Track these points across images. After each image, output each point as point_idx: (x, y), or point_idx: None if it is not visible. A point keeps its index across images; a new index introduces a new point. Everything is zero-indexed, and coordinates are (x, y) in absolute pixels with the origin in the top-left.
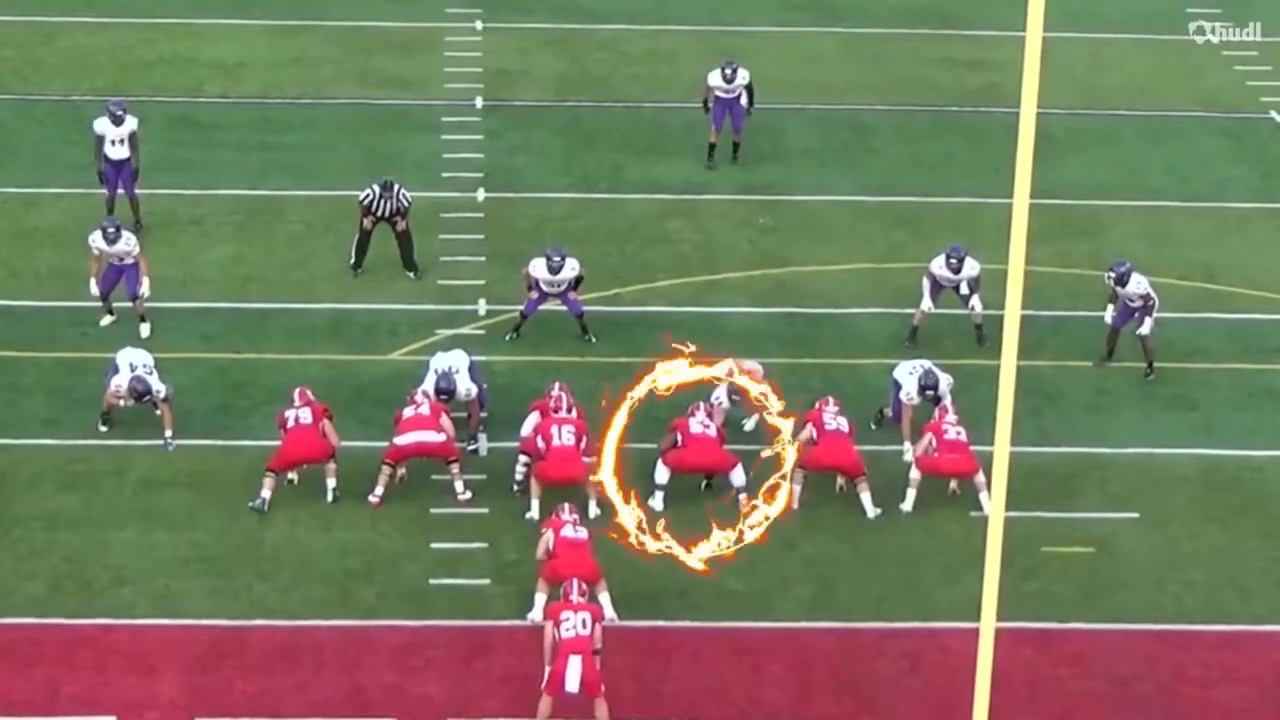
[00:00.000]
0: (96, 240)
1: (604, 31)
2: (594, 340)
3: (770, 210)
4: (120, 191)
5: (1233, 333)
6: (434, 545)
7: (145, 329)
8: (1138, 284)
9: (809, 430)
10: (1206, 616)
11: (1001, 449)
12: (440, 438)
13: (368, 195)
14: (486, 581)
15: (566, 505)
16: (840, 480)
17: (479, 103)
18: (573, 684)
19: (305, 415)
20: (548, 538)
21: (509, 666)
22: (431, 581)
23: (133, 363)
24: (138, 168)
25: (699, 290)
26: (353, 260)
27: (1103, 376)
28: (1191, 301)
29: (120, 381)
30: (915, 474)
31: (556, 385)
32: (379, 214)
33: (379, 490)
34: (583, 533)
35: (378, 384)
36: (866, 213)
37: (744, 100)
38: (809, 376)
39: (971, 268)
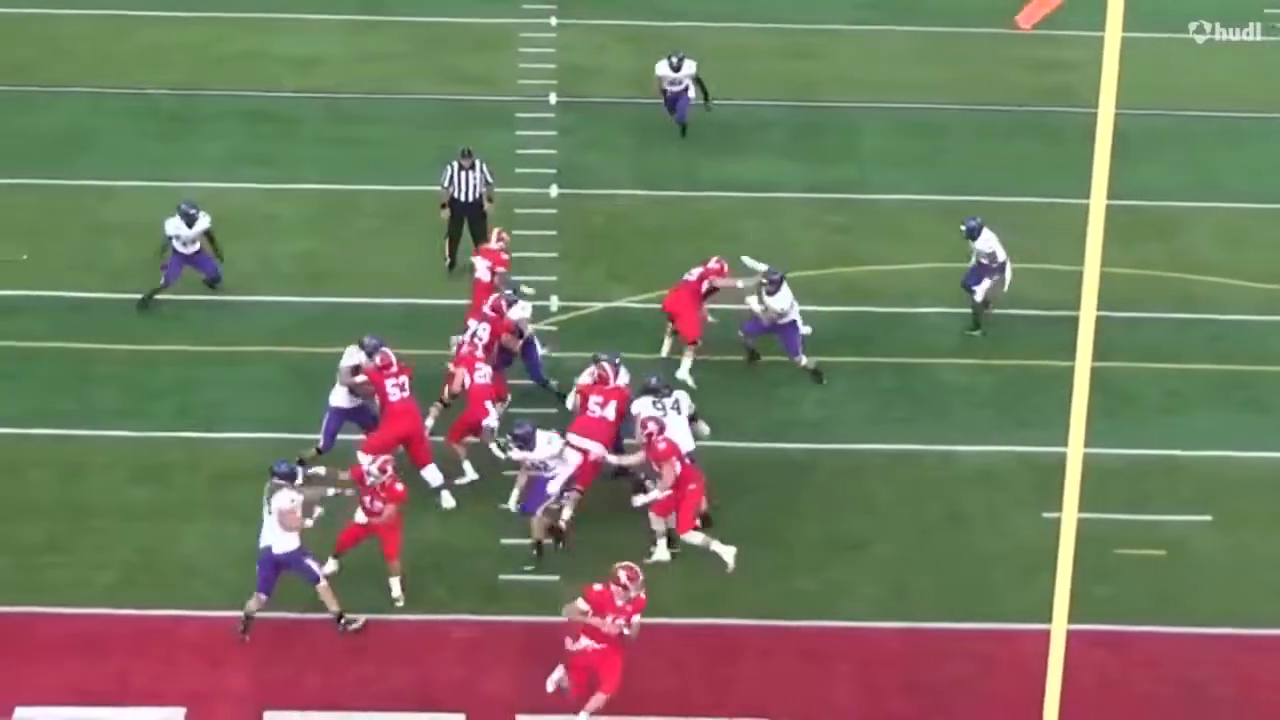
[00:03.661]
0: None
1: (679, 29)
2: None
3: (842, 209)
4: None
5: None
6: (504, 541)
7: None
8: (986, 241)
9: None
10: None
11: (1075, 450)
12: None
13: (448, 172)
14: (556, 578)
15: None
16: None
17: (553, 99)
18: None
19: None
20: None
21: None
22: (501, 577)
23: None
24: (220, 259)
25: None
26: (447, 261)
27: (1176, 379)
28: (1266, 304)
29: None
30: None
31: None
32: (464, 196)
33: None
34: None
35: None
36: (939, 212)
37: (691, 93)
38: (879, 376)
39: (987, 241)
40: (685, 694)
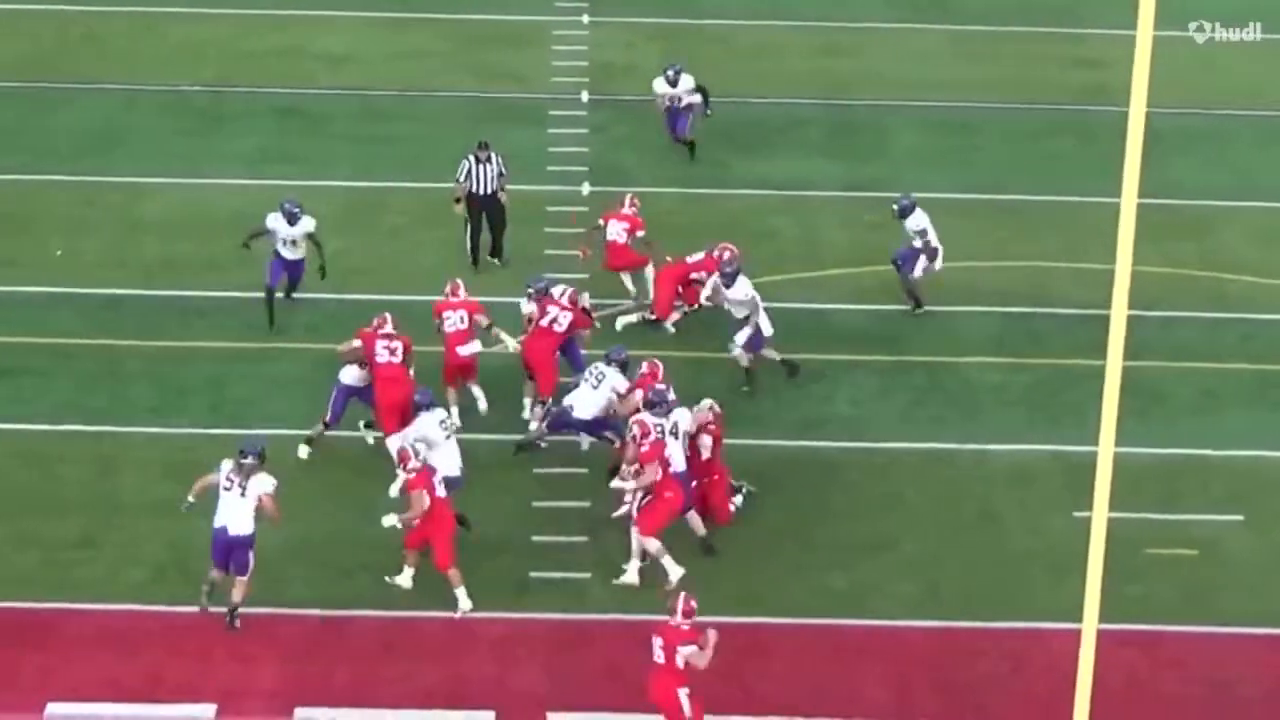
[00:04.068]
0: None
1: (711, 26)
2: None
3: (875, 207)
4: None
5: None
6: (535, 538)
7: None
8: (917, 221)
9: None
10: None
11: (1106, 450)
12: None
13: (464, 167)
14: (587, 575)
15: None
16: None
17: (585, 97)
18: None
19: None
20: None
21: (609, 659)
22: (533, 574)
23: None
24: (323, 261)
25: (802, 286)
26: (471, 258)
27: (1208, 378)
28: None
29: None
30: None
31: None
32: (481, 189)
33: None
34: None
35: (482, 375)
36: (971, 211)
37: (698, 100)
38: (912, 375)
39: (917, 221)
40: (716, 693)
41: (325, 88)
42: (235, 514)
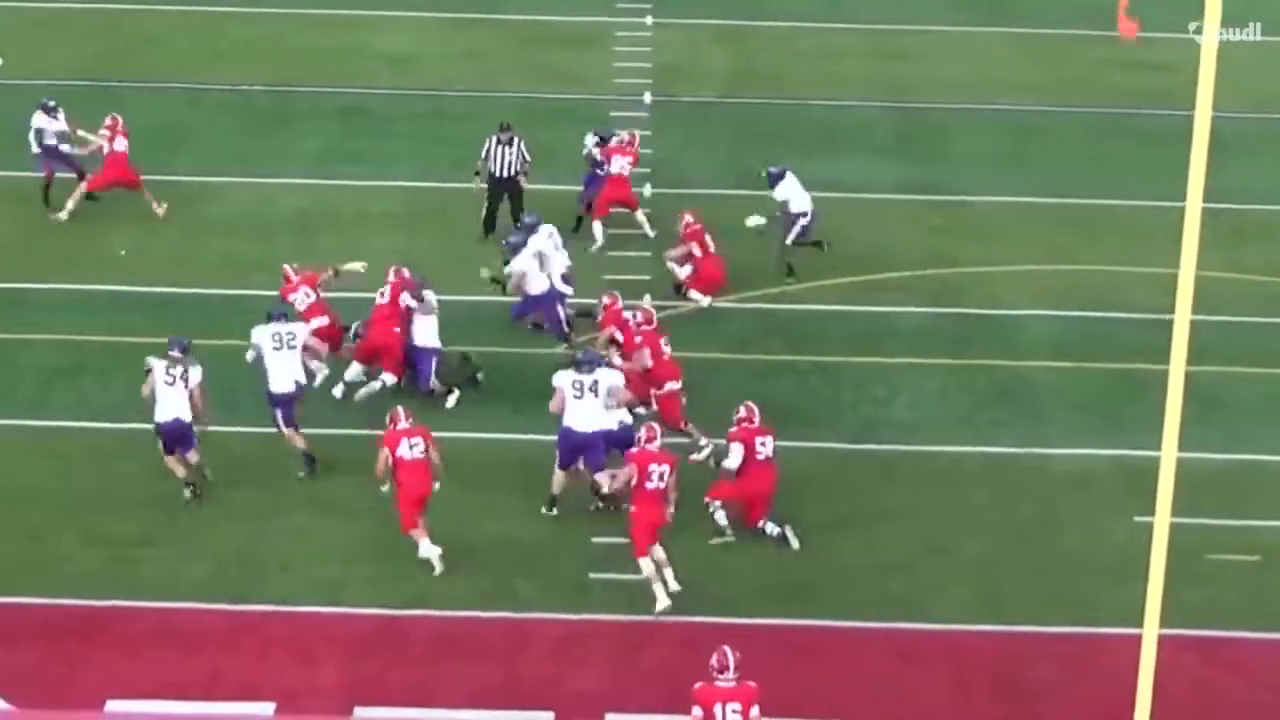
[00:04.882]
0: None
1: (774, 28)
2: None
3: (938, 210)
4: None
5: None
6: (594, 540)
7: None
8: (782, 191)
9: (736, 452)
10: None
11: (1168, 454)
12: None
13: (486, 145)
14: (646, 576)
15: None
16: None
17: (648, 98)
18: None
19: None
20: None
21: (666, 661)
22: (591, 575)
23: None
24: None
25: (865, 289)
26: (484, 229)
27: (1271, 384)
28: None
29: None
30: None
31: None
32: (500, 171)
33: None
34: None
35: (542, 375)
36: (1034, 214)
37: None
38: (974, 378)
39: (783, 190)
40: (771, 694)
41: (388, 88)
42: (181, 404)
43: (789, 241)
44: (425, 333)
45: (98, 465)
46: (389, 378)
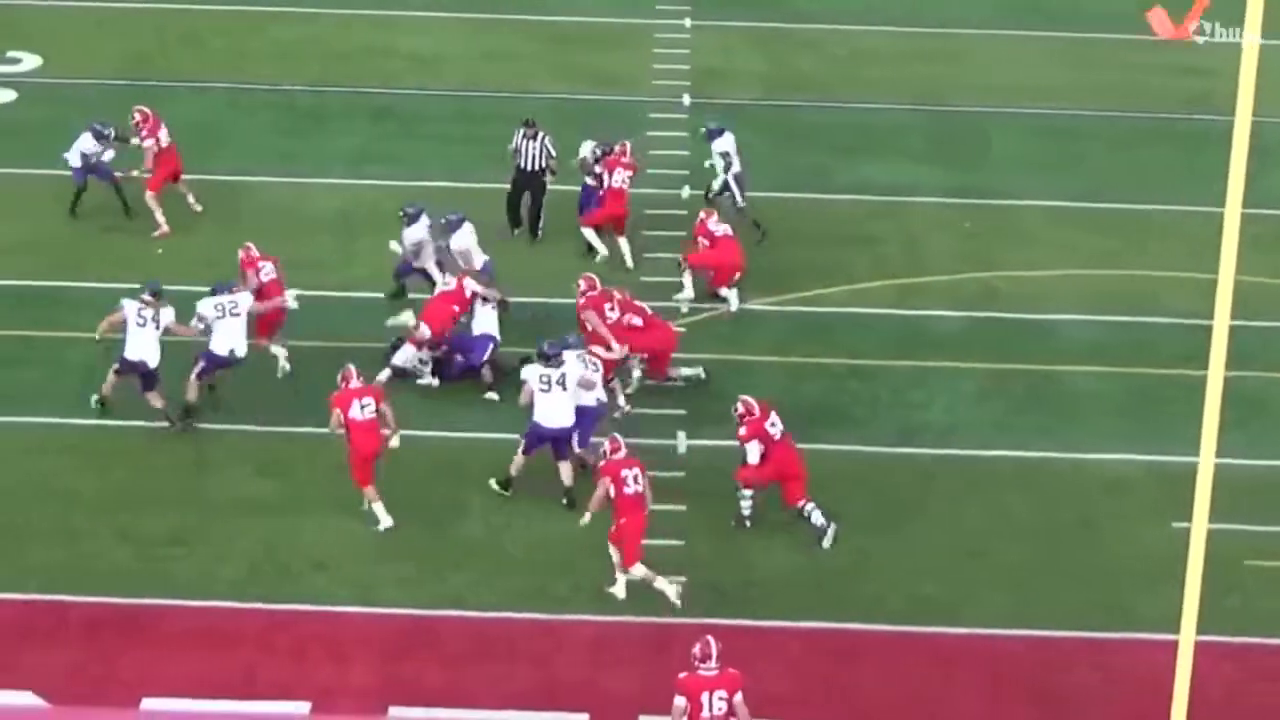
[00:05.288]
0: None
1: (811, 31)
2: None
3: (976, 214)
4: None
5: None
6: None
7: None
8: (720, 145)
9: (754, 450)
10: None
11: (1206, 460)
12: None
13: (513, 140)
14: (682, 579)
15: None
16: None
17: (687, 100)
18: None
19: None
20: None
21: None
22: (623, 576)
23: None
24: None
25: (902, 293)
26: (509, 223)
27: None
28: None
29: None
30: None
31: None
32: (526, 165)
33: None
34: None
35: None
36: (1074, 219)
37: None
38: (1011, 382)
39: (721, 144)
40: (804, 698)
41: (419, 88)
42: (151, 346)
43: (716, 189)
44: (485, 321)
45: (130, 464)
46: (434, 381)
